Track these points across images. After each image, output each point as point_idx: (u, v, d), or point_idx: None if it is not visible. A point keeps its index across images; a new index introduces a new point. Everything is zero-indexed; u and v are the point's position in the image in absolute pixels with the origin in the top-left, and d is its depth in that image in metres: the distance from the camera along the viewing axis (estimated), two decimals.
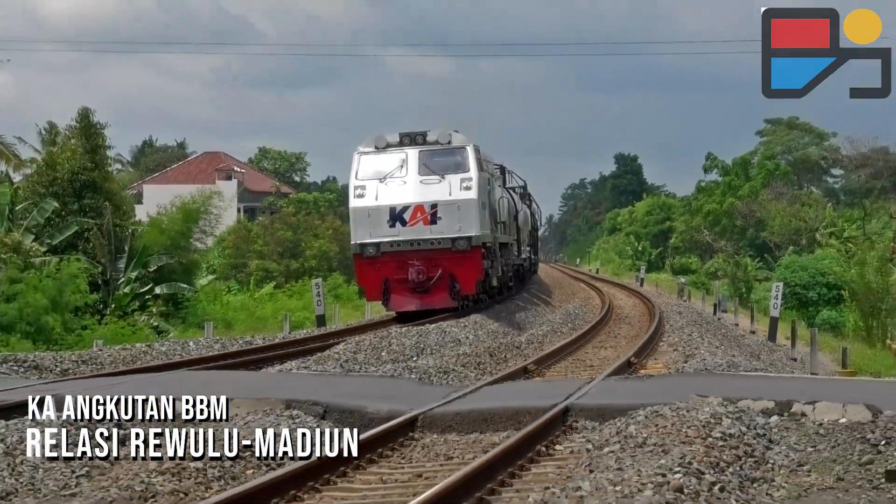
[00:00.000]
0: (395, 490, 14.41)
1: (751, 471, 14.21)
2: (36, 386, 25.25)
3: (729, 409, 18.01)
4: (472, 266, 32.67)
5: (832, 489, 13.33)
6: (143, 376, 28.68)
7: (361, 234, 31.61)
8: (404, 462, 16.35)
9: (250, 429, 17.53)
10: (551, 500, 13.01)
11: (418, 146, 35.06)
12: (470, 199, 31.82)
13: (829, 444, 15.43)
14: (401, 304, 33.27)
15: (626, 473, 13.55)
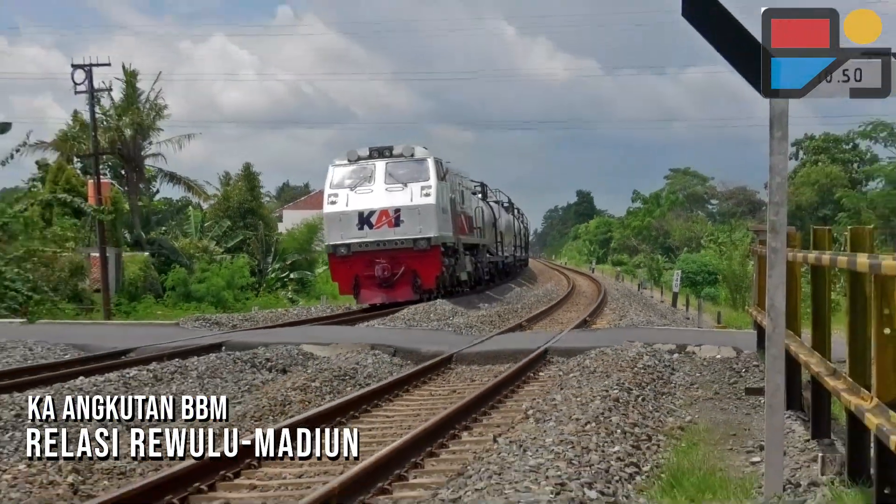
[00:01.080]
0: (440, 401, 16.29)
1: (661, 388, 16.26)
2: (218, 335, 28.83)
3: (647, 349, 20.37)
4: (432, 263, 31.88)
5: (712, 399, 15.25)
6: (282, 329, 32.97)
7: (334, 237, 31.17)
8: (444, 383, 18.58)
9: (349, 363, 19.75)
10: (537, 406, 14.86)
11: (385, 158, 34.67)
12: (429, 205, 31.10)
13: (710, 371, 17.67)
14: (369, 298, 32.94)
15: (583, 390, 15.63)
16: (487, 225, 53.41)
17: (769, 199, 9.72)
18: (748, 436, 11.74)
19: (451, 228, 33.94)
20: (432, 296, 32.93)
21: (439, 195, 30.38)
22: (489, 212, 55.14)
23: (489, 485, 9.28)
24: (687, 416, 13.76)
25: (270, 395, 16.58)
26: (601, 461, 10.38)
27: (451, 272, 36.69)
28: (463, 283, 42.52)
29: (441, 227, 30.97)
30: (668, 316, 36.06)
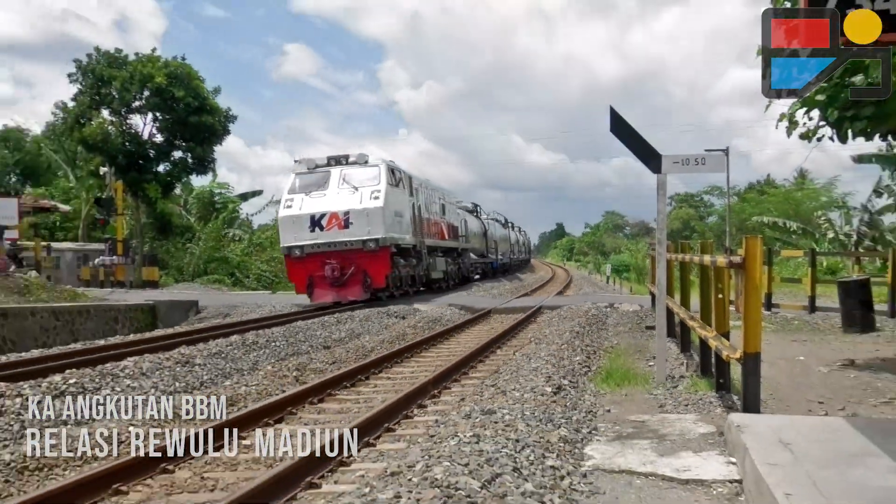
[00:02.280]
0: (485, 333, 15.77)
1: (600, 326, 15.82)
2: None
3: (593, 306, 19.75)
4: (382, 263, 23.22)
5: (627, 332, 14.67)
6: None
7: (287, 239, 23.56)
8: (486, 325, 18.06)
9: (438, 314, 19.93)
10: (535, 335, 14.71)
11: (341, 166, 24.89)
12: (377, 208, 22.85)
13: (626, 319, 17.05)
14: (321, 297, 23.73)
15: (560, 327, 15.40)
16: (476, 234, 40.78)
17: (657, 226, 9.86)
18: (647, 351, 11.64)
19: (409, 231, 25.32)
20: (383, 294, 24.04)
21: (390, 199, 22.95)
22: (478, 224, 42.41)
23: (511, 377, 9.25)
24: (614, 341, 13.48)
25: (397, 330, 16.47)
26: (569, 365, 10.30)
27: (412, 272, 26.75)
28: (437, 281, 30.23)
29: (391, 228, 23.11)
30: (604, 289, 35.73)
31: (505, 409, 6.89)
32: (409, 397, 8.43)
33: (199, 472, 6.14)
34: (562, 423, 6.61)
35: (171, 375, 10.21)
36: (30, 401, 8.22)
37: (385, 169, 23.17)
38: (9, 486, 5.87)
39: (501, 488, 4.52)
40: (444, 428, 6.43)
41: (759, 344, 6.45)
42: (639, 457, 5.68)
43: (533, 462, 5.24)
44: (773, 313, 16.82)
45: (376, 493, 4.46)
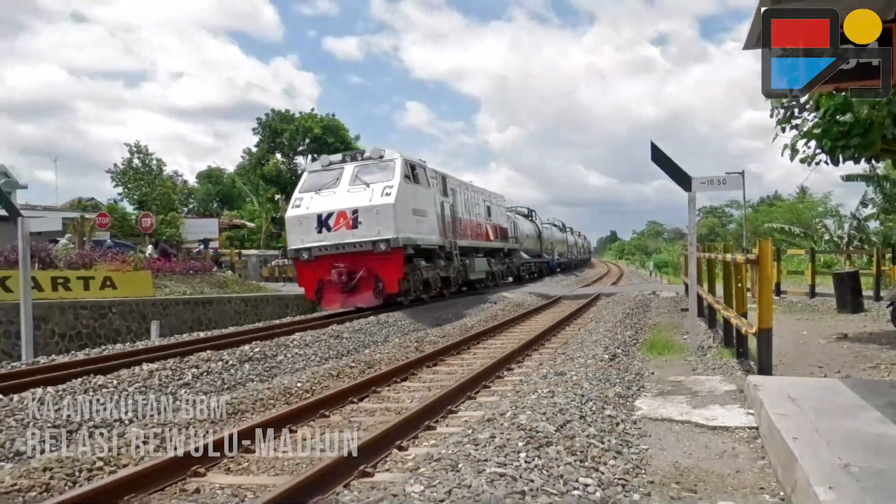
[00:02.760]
0: (556, 314, 15.40)
1: (645, 309, 15.33)
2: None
3: (639, 293, 19.34)
4: (394, 266, 16.15)
5: (666, 313, 14.18)
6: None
7: (294, 240, 17.34)
8: (557, 307, 17.65)
9: (520, 299, 19.49)
10: (595, 316, 14.37)
11: (355, 162, 18.07)
12: (387, 204, 15.98)
13: (665, 303, 16.47)
14: (329, 303, 17.07)
15: (614, 309, 15.15)
16: (529, 236, 33.12)
17: (689, 232, 9.78)
18: (682, 327, 11.32)
19: (435, 231, 18.58)
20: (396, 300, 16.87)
21: (405, 196, 16.71)
22: (532, 227, 34.92)
23: (577, 347, 9.14)
24: (657, 320, 13.13)
25: (490, 312, 16.42)
26: (622, 338, 10.11)
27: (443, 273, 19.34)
28: (479, 281, 23.12)
29: (406, 228, 16.49)
30: (648, 280, 34.92)
31: (573, 372, 6.84)
32: (499, 363, 8.44)
33: (346, 417, 6.27)
34: (616, 383, 6.54)
35: (326, 346, 10.45)
36: (229, 363, 8.57)
37: (401, 164, 16.24)
38: (230, 417, 6.12)
39: (571, 431, 4.51)
40: (526, 385, 6.42)
41: (771, 321, 6.35)
42: (676, 408, 5.58)
43: (595, 412, 5.20)
44: (781, 298, 16.49)
45: (477, 433, 4.49)
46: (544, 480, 3.54)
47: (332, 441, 5.34)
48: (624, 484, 3.72)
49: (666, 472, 4.04)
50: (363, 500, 3.78)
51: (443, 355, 9.65)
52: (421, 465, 4.03)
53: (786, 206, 47.67)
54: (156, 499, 4.18)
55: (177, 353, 8.91)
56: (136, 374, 7.53)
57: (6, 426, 5.54)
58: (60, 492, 4.20)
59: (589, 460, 4.00)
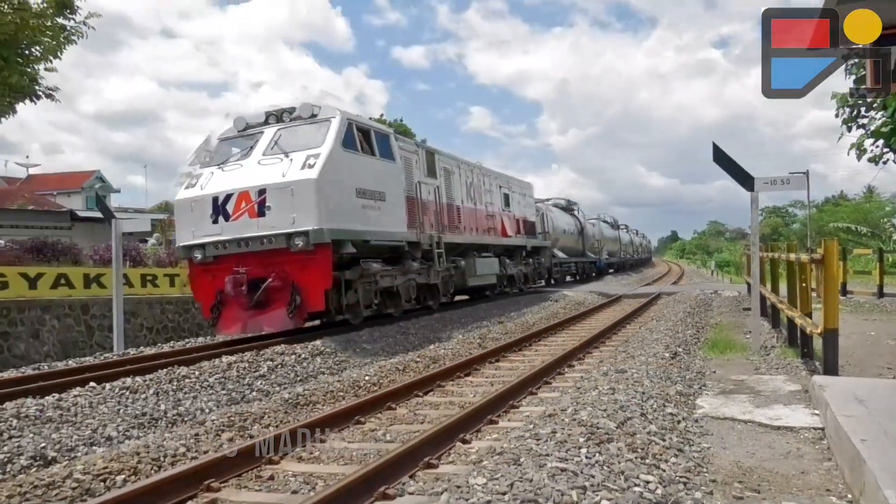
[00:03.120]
0: (617, 312, 15.05)
1: (707, 308, 14.95)
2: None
3: (701, 292, 18.81)
4: (318, 272, 9.01)
5: (728, 312, 13.87)
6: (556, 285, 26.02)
7: (184, 234, 9.58)
8: (618, 306, 17.28)
9: (581, 298, 19.24)
10: (655, 314, 14.13)
11: (280, 124, 10.03)
12: (306, 181, 8.68)
13: (727, 302, 16.08)
14: (227, 325, 9.61)
15: (675, 308, 14.78)
16: (567, 232, 28.03)
17: (751, 232, 9.54)
18: (744, 326, 10.99)
19: (398, 222, 11.75)
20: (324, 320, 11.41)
21: (342, 169, 9.47)
22: (572, 222, 29.53)
23: (638, 345, 8.95)
24: (718, 319, 12.80)
25: (551, 311, 16.15)
26: (683, 336, 9.86)
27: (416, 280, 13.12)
28: (485, 287, 17.92)
29: (338, 215, 9.38)
30: (710, 280, 33.91)
31: (633, 369, 6.70)
32: (559, 360, 8.33)
33: (412, 410, 6.29)
34: (677, 381, 6.38)
35: (394, 341, 10.51)
36: (302, 357, 8.71)
37: (339, 124, 10.56)
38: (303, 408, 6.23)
39: (632, 428, 4.41)
40: (587, 382, 6.32)
41: (837, 321, 6.09)
42: (739, 407, 5.40)
43: (656, 409, 5.07)
44: (847, 298, 15.82)
45: (538, 428, 4.44)
46: (605, 476, 3.48)
47: (398, 432, 5.41)
48: (685, 482, 3.62)
49: (728, 470, 3.91)
50: (428, 490, 3.78)
51: (504, 352, 9.60)
52: (484, 458, 4.01)
53: (852, 205, 45.90)
54: (233, 484, 4.28)
55: (254, 346, 9.12)
56: (216, 365, 7.74)
57: (99, 412, 5.78)
58: (147, 475, 4.35)
59: (650, 457, 3.90)
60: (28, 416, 5.40)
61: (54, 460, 4.70)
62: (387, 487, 3.87)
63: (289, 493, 4.08)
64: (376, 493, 3.80)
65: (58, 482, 4.04)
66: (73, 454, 4.85)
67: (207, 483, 4.12)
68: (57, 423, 5.37)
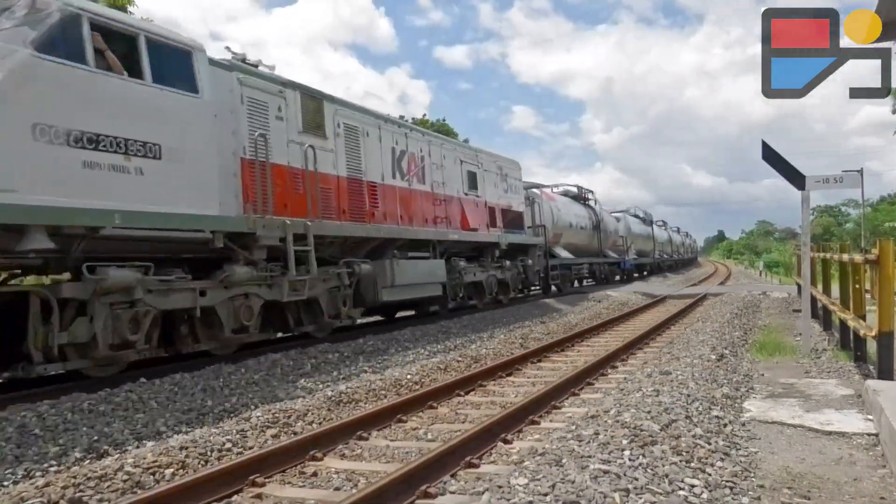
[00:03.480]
0: (662, 314, 14.76)
1: (755, 309, 14.64)
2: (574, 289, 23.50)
3: (748, 293, 18.42)
4: None
5: (778, 314, 13.58)
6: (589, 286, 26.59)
7: None
8: (663, 307, 16.89)
9: (625, 299, 19.03)
10: (701, 316, 13.81)
11: None
12: None
13: (776, 304, 15.72)
14: None
15: (721, 309, 14.44)
16: (575, 227, 23.04)
17: (802, 232, 9.36)
18: (794, 329, 10.76)
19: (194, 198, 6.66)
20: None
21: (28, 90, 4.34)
22: (582, 213, 24.22)
23: (683, 347, 8.81)
24: (767, 321, 12.54)
25: (594, 311, 16.07)
26: (730, 338, 9.66)
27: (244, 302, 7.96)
28: (418, 304, 13.24)
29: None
30: (758, 280, 33.18)
31: (678, 371, 6.60)
32: (602, 361, 8.24)
33: (453, 409, 6.29)
34: (724, 383, 6.26)
35: (436, 340, 10.53)
36: (345, 355, 8.79)
37: (46, 17, 5.87)
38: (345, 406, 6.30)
39: (676, 431, 4.35)
40: (630, 384, 6.25)
41: (893, 323, 5.91)
42: (788, 411, 5.27)
43: (701, 412, 4.99)
44: None
45: (580, 430, 4.41)
46: (649, 479, 3.43)
47: (439, 431, 5.42)
48: (732, 486, 3.55)
49: (777, 476, 3.82)
50: (469, 490, 3.79)
51: (546, 352, 9.54)
52: (525, 458, 3.99)
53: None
54: (277, 480, 4.34)
55: (297, 344, 9.24)
56: (261, 363, 7.87)
57: (149, 407, 5.93)
58: (195, 469, 4.45)
59: (695, 461, 3.84)
60: (82, 410, 5.56)
61: (106, 453, 4.83)
62: (428, 486, 3.88)
63: (331, 490, 4.12)
64: (417, 492, 3.81)
65: (110, 475, 4.15)
66: (123, 448, 4.98)
67: (253, 478, 4.19)
68: (109, 418, 5.51)
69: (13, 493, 3.82)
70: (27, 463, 4.49)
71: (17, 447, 4.71)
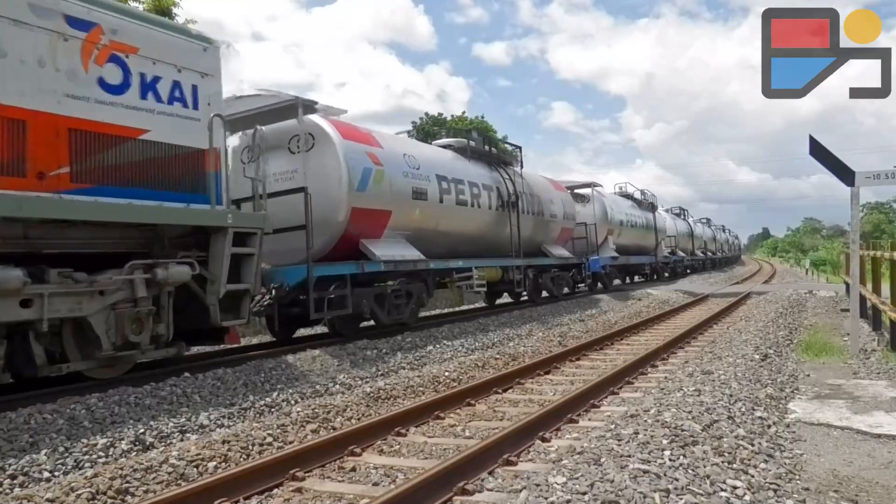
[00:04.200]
0: (704, 311, 14.47)
1: (801, 308, 14.35)
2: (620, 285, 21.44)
3: (794, 292, 18.05)
4: None
5: (824, 313, 13.32)
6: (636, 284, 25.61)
7: None
8: (705, 305, 16.65)
9: (666, 297, 18.66)
10: (744, 314, 13.49)
11: None
12: None
13: (823, 303, 15.41)
14: None
15: (766, 308, 14.14)
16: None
17: (851, 229, 9.09)
18: (841, 329, 10.50)
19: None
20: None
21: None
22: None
23: (725, 346, 8.66)
24: (813, 320, 12.27)
25: (634, 309, 15.87)
26: (774, 338, 9.45)
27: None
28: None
29: None
30: (804, 279, 32.37)
31: (720, 371, 6.49)
32: (642, 360, 8.14)
33: (491, 407, 6.28)
34: (768, 384, 6.14)
35: (473, 337, 10.51)
36: (383, 351, 8.85)
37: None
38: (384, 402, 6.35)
39: (718, 431, 4.28)
40: (671, 383, 6.18)
41: None
42: (835, 413, 5.14)
43: (744, 413, 4.90)
44: None
45: (619, 429, 4.36)
46: (690, 480, 3.39)
47: (477, 429, 5.43)
48: (776, 489, 3.48)
49: (823, 479, 3.74)
50: (507, 487, 3.78)
51: (585, 350, 9.46)
52: (563, 456, 3.97)
53: None
54: (317, 474, 4.39)
55: (337, 341, 9.32)
56: (301, 358, 7.96)
57: (193, 401, 6.05)
58: (237, 463, 4.53)
59: (737, 462, 3.77)
60: (128, 403, 5.70)
61: (152, 446, 4.95)
62: (466, 483, 3.88)
63: (370, 485, 4.16)
64: (455, 488, 3.82)
65: (155, 466, 4.26)
66: (168, 440, 5.09)
67: (293, 472, 4.25)
68: (154, 411, 5.64)
69: (63, 484, 3.94)
70: (76, 454, 4.62)
71: (67, 439, 4.84)
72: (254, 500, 3.97)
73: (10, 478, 4.19)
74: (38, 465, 4.37)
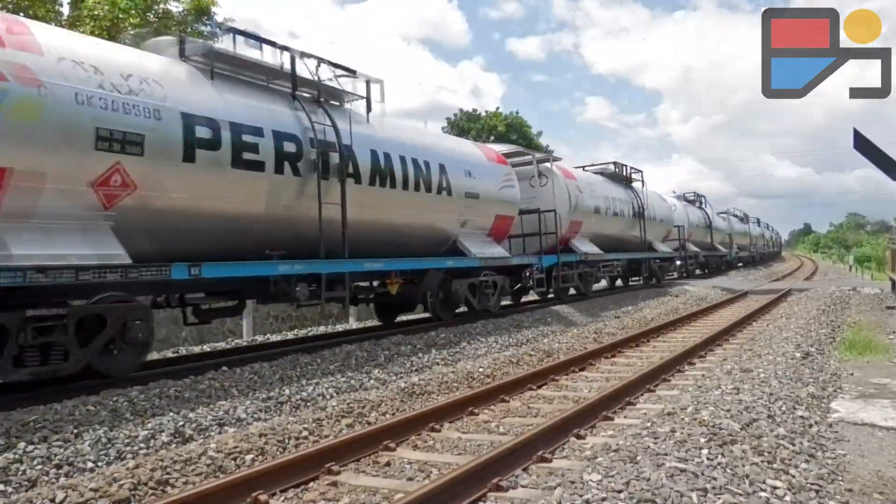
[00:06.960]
0: (742, 309, 14.39)
1: (844, 305, 14.04)
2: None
3: (837, 289, 17.60)
4: None
5: (869, 311, 12.97)
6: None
7: None
8: (744, 302, 16.54)
9: (703, 293, 18.39)
10: (785, 312, 13.24)
11: None
12: None
13: (867, 300, 15.02)
14: None
15: (808, 306, 13.85)
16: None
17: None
18: (887, 326, 10.24)
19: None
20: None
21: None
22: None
23: (765, 344, 8.49)
24: (857, 318, 11.93)
25: (671, 306, 15.66)
26: (816, 336, 9.24)
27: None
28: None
29: None
30: (847, 276, 31.58)
31: (760, 369, 6.37)
32: (679, 357, 8.05)
33: (525, 403, 6.26)
34: (809, 382, 6.00)
35: (507, 333, 10.45)
36: (417, 347, 8.89)
37: None
38: (418, 398, 6.37)
39: (758, 430, 4.20)
40: (709, 381, 6.07)
41: None
42: (880, 413, 5.00)
43: (784, 412, 4.80)
44: None
45: (656, 427, 4.31)
46: (728, 479, 3.33)
47: (511, 425, 5.41)
48: (818, 490, 3.40)
49: (867, 480, 3.64)
50: (541, 485, 3.76)
51: (621, 347, 9.37)
52: (598, 454, 3.94)
53: None
54: (352, 468, 4.43)
55: (371, 336, 9.37)
56: (336, 353, 8.00)
57: (231, 395, 6.13)
58: (273, 456, 4.60)
59: (777, 462, 3.70)
60: (168, 396, 5.80)
61: (191, 438, 5.04)
62: (500, 479, 3.88)
63: (404, 480, 4.18)
64: (489, 485, 3.82)
65: (194, 458, 4.33)
66: (207, 433, 5.17)
67: (328, 466, 4.29)
68: (193, 404, 5.73)
69: (106, 474, 4.03)
70: (119, 445, 4.72)
71: (110, 430, 4.94)
72: (290, 493, 4.01)
73: (56, 467, 4.30)
74: (83, 456, 4.47)
